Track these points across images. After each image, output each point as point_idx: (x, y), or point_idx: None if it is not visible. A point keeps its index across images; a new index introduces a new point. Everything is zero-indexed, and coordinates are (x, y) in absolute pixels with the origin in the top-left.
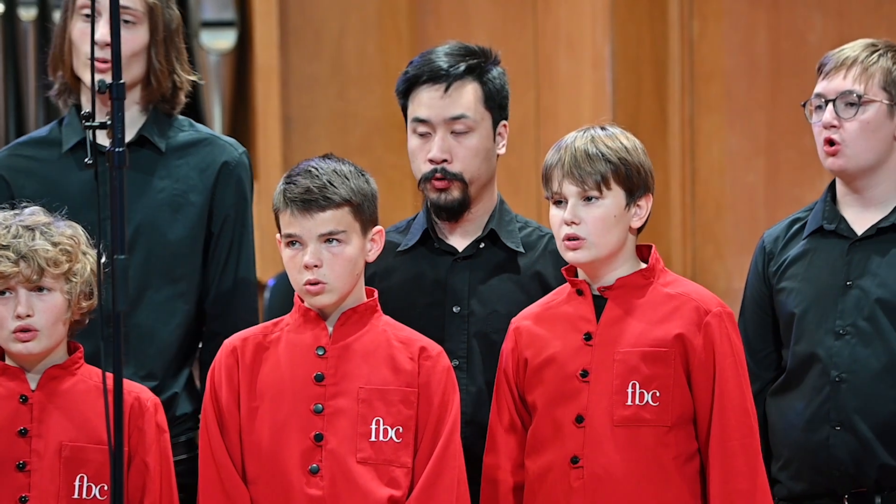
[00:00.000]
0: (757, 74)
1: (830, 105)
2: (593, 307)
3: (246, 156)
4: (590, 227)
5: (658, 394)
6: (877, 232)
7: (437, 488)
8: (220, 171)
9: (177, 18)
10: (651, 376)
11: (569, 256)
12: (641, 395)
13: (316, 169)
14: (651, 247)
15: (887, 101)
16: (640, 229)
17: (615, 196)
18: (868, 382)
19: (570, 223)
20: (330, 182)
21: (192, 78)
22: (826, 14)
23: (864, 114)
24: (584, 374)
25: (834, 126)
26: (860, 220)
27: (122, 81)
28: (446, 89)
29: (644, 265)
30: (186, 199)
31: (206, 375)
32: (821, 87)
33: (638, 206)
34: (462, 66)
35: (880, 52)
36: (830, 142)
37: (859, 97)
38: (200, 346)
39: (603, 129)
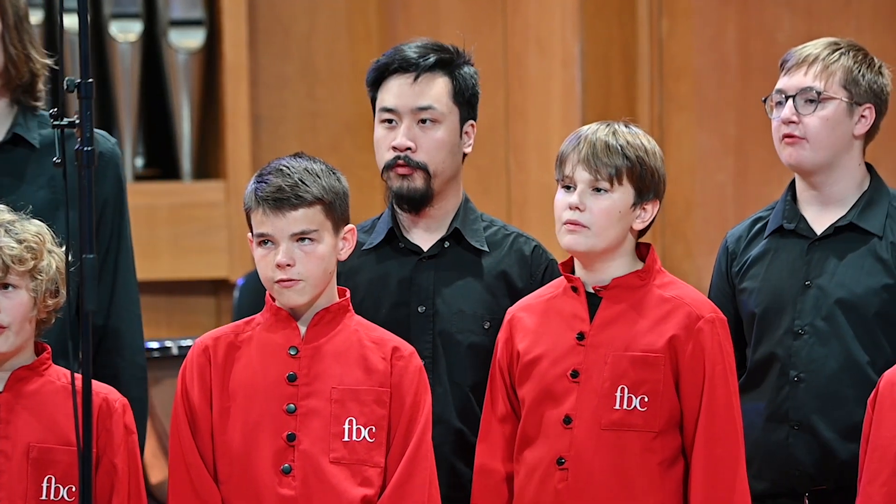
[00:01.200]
0: (726, 73)
1: (790, 101)
2: (587, 306)
3: (118, 146)
4: (594, 217)
5: (646, 399)
6: (835, 231)
7: (409, 488)
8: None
9: (24, 3)
10: (640, 381)
11: (566, 240)
12: (630, 399)
13: (287, 168)
14: (649, 246)
15: (846, 100)
16: (642, 233)
17: (624, 192)
18: (826, 382)
19: (574, 208)
20: (302, 181)
21: (48, 62)
22: (795, 12)
23: (824, 110)
24: (575, 374)
25: (793, 122)
26: (820, 219)
27: (90, 80)
28: (416, 78)
29: (641, 265)
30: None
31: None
32: (782, 83)
33: (644, 208)
34: (433, 58)
35: (842, 50)
36: (789, 137)
37: (819, 94)
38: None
39: (627, 126)
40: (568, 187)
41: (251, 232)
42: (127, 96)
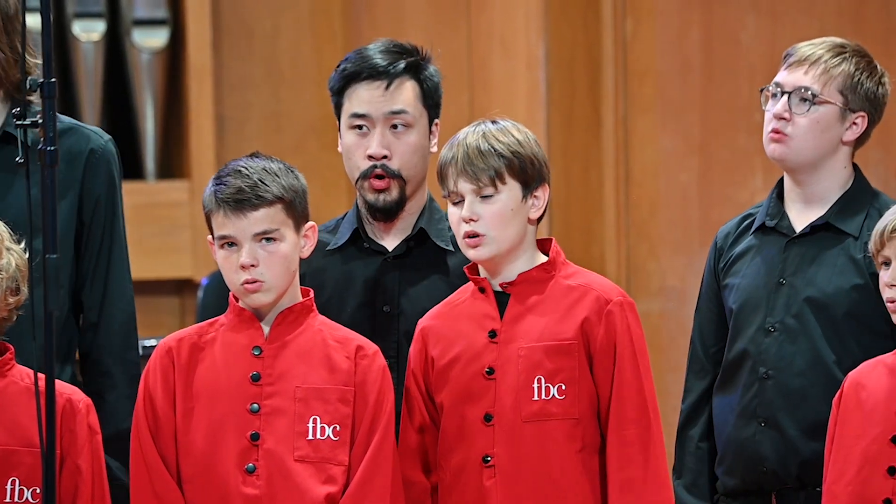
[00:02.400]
0: (690, 74)
1: (785, 97)
2: (496, 304)
3: (112, 143)
4: (487, 223)
5: (564, 387)
6: (812, 230)
7: (372, 485)
8: (88, 160)
9: (13, 3)
10: (556, 370)
11: (470, 254)
12: (547, 389)
13: (246, 168)
14: (551, 240)
15: (841, 105)
16: (539, 219)
17: (511, 190)
18: (793, 379)
19: (468, 220)
20: (261, 180)
21: (40, 61)
22: (758, 14)
23: (817, 112)
24: (490, 371)
25: (784, 119)
26: (801, 217)
27: (52, 80)
28: (388, 86)
29: (545, 258)
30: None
31: (84, 365)
32: (781, 76)
33: (535, 196)
34: (402, 64)
35: (846, 55)
36: (777, 133)
37: (814, 96)
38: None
39: (494, 122)
40: (457, 201)
41: (211, 234)
42: (90, 96)
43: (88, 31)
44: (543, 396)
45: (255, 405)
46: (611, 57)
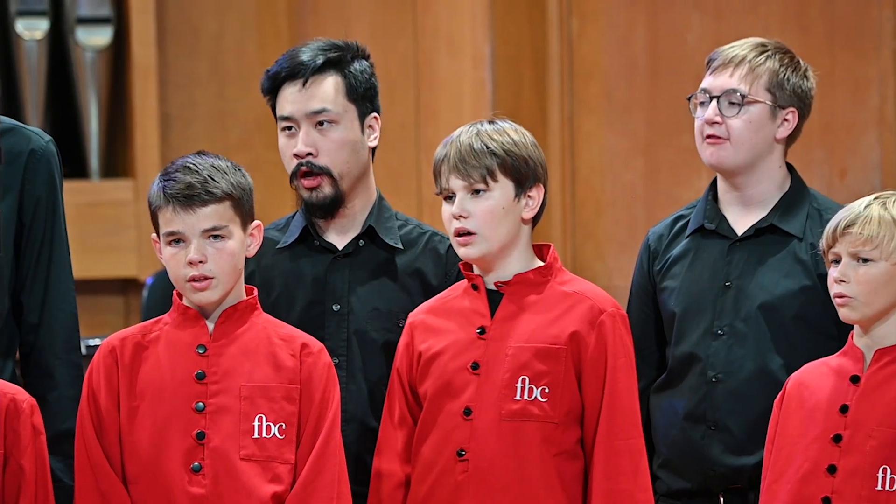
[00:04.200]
0: (635, 74)
1: (714, 102)
2: (487, 302)
3: (53, 143)
4: (478, 221)
5: (547, 390)
6: (755, 232)
7: (318, 483)
8: (29, 160)
9: None
10: (542, 372)
11: (461, 252)
12: (531, 390)
13: (194, 165)
14: (550, 246)
15: (770, 103)
16: (535, 220)
17: (503, 188)
18: (742, 383)
19: (458, 217)
20: (211, 177)
21: None
22: (704, 14)
23: (747, 113)
24: (475, 366)
25: (716, 123)
26: (741, 219)
27: None
28: (304, 83)
29: (539, 262)
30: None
31: (26, 366)
32: (707, 82)
33: (529, 196)
34: (320, 59)
35: (769, 53)
36: (711, 137)
37: (743, 97)
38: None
39: (491, 122)
40: (449, 197)
41: (156, 233)
42: (34, 94)
43: (32, 30)
44: (526, 397)
45: (201, 404)
46: (556, 56)
